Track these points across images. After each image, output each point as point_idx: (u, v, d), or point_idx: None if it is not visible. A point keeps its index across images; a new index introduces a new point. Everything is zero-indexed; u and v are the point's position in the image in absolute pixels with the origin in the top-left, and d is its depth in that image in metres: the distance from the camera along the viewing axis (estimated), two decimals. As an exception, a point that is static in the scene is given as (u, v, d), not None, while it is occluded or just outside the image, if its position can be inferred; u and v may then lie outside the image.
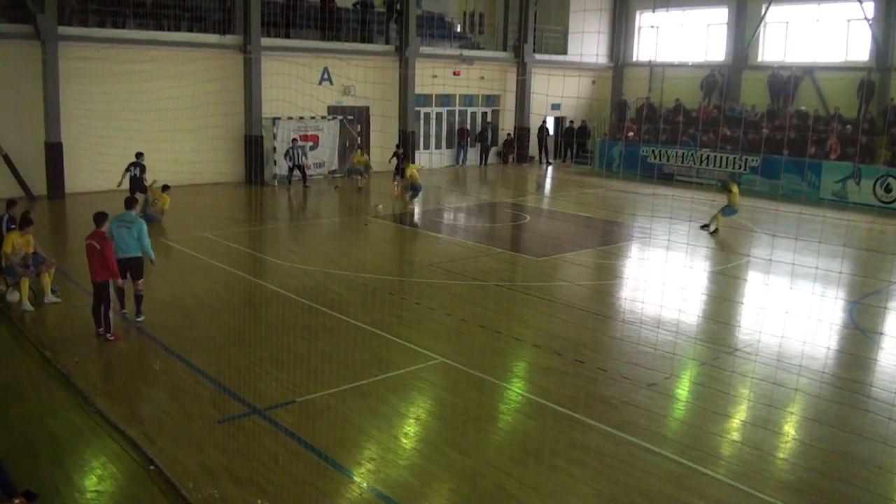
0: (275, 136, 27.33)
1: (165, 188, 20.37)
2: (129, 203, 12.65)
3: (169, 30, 25.72)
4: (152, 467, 7.94)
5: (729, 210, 21.15)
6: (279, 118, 27.23)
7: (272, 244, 19.30)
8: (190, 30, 26.28)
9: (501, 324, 12.84)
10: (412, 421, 9.39)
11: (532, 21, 35.10)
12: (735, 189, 21.37)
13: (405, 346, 11.57)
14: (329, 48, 28.84)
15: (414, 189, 24.23)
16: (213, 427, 8.91)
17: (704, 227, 20.84)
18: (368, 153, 28.97)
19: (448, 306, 13.74)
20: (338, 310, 13.30)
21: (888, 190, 26.12)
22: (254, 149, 27.00)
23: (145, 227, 12.32)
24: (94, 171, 23.50)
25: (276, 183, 27.55)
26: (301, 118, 27.74)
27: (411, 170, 24.48)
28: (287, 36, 28.63)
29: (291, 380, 10.24)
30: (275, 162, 27.64)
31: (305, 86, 25.83)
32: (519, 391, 10.39)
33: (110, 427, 8.80)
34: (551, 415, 9.52)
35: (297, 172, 27.02)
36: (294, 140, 27.31)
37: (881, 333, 13.52)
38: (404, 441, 8.85)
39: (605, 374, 10.84)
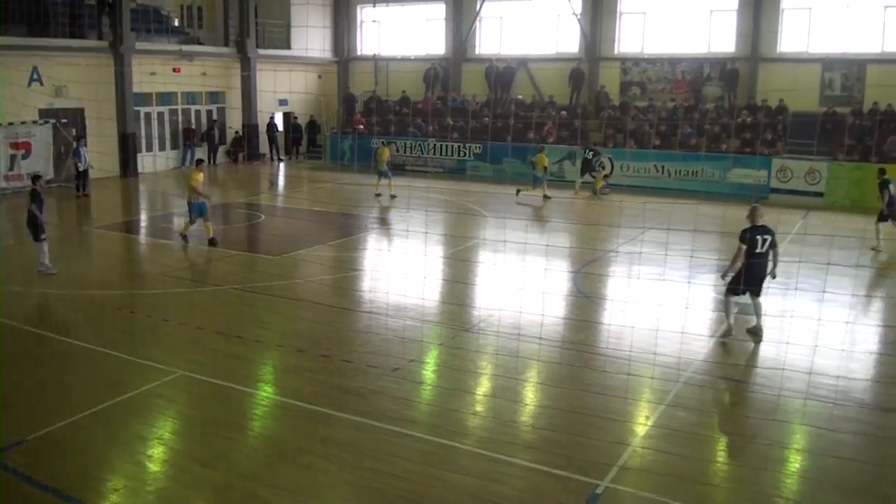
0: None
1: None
2: None
3: None
4: None
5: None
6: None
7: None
8: None
9: (241, 328, 12.44)
10: (155, 442, 8.78)
11: (253, 15, 34.33)
12: None
13: (140, 364, 10.84)
14: (37, 45, 26.30)
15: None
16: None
17: None
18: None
19: (183, 316, 13.08)
20: (63, 333, 12.19)
21: (603, 167, 28.39)
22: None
23: None
24: None
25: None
26: (11, 124, 25.15)
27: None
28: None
29: (18, 417, 9.16)
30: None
31: (13, 88, 23.49)
32: (264, 394, 10.14)
33: None
34: (299, 413, 9.39)
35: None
36: (80, 139, 25.15)
37: (603, 297, 14.76)
38: (149, 465, 8.29)
39: (349, 365, 10.87)
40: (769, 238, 11.56)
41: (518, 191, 25.26)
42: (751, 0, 29.90)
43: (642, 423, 9.22)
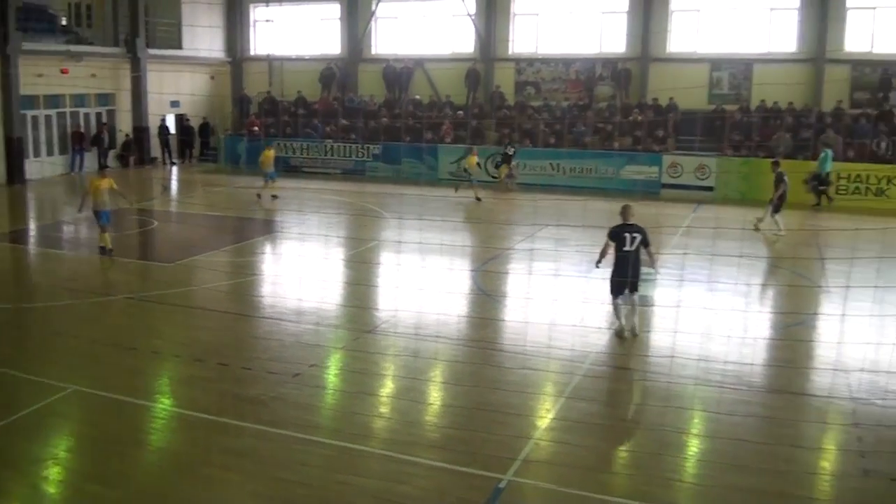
0: None
1: None
2: None
3: None
4: None
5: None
6: None
7: None
8: None
9: (136, 339, 12.06)
10: (49, 463, 8.40)
11: (143, 13, 33.27)
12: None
13: (31, 381, 10.33)
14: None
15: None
16: None
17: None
18: None
19: (75, 329, 12.61)
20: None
21: (497, 166, 28.78)
22: None
23: None
24: None
25: None
26: None
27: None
28: None
29: None
30: None
31: None
32: (162, 407, 9.88)
33: None
34: (199, 425, 9.20)
35: None
36: None
37: (502, 294, 14.99)
38: (44, 487, 7.96)
39: (249, 372, 10.69)
40: (639, 236, 11.69)
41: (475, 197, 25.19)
42: (640, 2, 30.82)
43: (543, 416, 9.43)
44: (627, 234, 11.67)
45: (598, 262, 12.08)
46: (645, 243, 11.78)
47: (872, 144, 26.07)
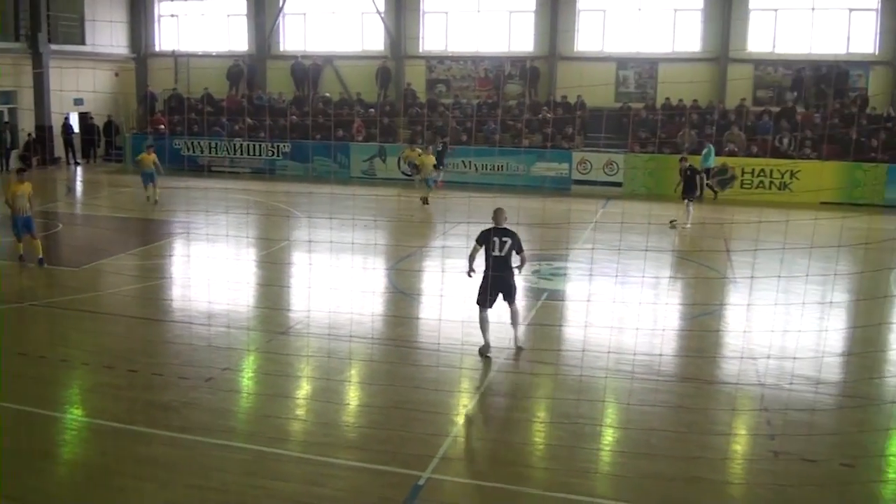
0: None
1: None
2: None
3: None
4: None
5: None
6: None
7: None
8: None
9: (44, 348, 11.66)
10: (-47, 479, 8.13)
11: (44, 7, 32.07)
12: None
13: (-69, 395, 9.95)
14: None
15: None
16: None
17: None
18: None
19: (-23, 338, 12.13)
20: None
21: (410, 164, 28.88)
22: None
23: None
24: None
25: None
26: None
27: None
28: None
29: None
30: None
31: None
32: (73, 417, 9.58)
33: None
34: (111, 434, 8.95)
35: None
36: None
37: (417, 292, 15.10)
38: (-54, 505, 7.68)
39: (160, 378, 10.48)
40: (508, 241, 11.04)
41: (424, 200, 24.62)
42: (548, 1, 31.32)
43: (460, 413, 9.54)
44: (497, 238, 10.98)
45: (469, 270, 11.32)
46: (517, 249, 11.17)
47: (775, 140, 27.20)
